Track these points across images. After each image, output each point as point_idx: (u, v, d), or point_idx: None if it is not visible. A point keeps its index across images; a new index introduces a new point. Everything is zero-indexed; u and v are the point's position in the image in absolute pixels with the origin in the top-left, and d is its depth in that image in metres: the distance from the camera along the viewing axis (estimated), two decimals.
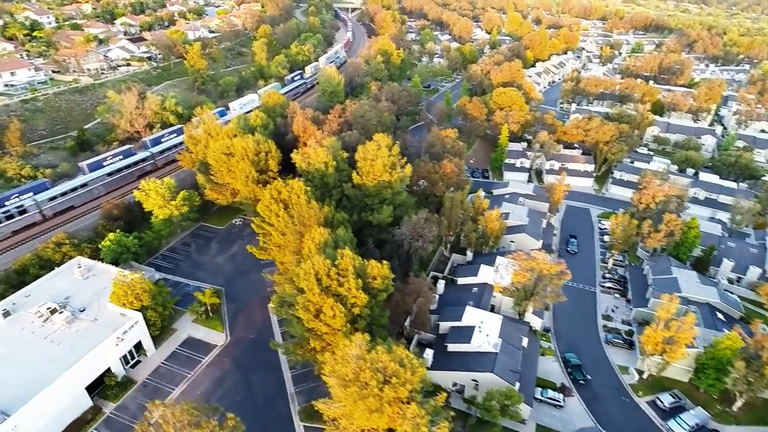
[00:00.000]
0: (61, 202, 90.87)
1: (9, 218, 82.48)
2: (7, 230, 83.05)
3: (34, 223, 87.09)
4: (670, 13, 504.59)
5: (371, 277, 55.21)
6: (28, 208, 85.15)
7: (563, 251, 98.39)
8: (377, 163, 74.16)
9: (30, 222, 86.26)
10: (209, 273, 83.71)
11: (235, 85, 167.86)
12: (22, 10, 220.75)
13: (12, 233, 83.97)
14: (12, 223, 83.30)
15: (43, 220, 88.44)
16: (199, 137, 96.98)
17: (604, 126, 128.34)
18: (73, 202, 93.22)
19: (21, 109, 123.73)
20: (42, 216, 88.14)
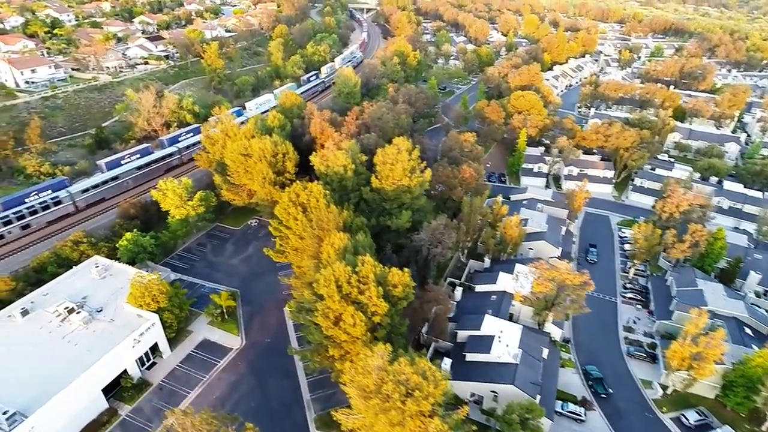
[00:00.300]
0: (93, 194, 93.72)
1: (45, 209, 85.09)
2: (43, 220, 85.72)
3: (68, 214, 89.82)
4: (689, 16, 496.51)
5: (392, 284, 54.08)
6: (62, 200, 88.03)
7: (582, 260, 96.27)
8: (397, 168, 73.04)
9: (64, 213, 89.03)
10: (225, 274, 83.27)
11: (251, 85, 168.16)
12: (43, 8, 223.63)
13: (47, 224, 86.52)
14: (48, 213, 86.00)
15: (77, 211, 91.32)
16: (216, 137, 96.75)
17: (625, 132, 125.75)
18: (103, 195, 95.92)
19: (41, 106, 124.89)
20: (75, 207, 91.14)
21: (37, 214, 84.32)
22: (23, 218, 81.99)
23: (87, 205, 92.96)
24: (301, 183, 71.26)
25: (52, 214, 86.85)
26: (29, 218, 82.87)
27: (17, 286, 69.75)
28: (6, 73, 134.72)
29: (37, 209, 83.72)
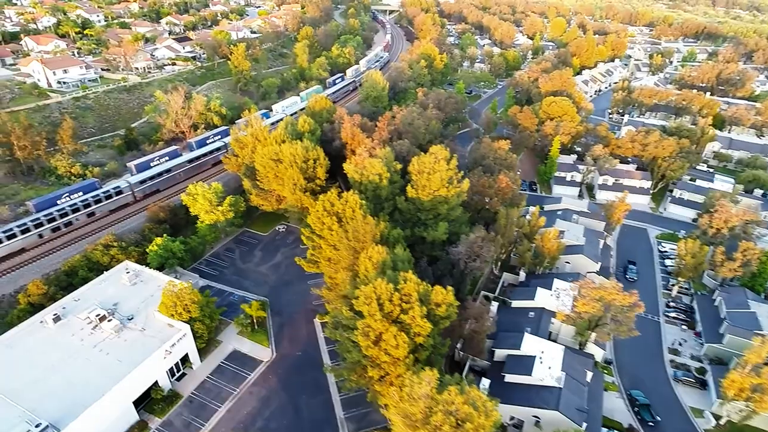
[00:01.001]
0: (150, 185, 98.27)
1: (97, 202, 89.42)
2: (106, 209, 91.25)
3: (127, 204, 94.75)
4: (720, 19, 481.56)
5: (434, 303, 51.45)
6: (123, 190, 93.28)
7: (621, 278, 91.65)
8: (435, 177, 70.37)
9: (123, 203, 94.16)
10: (253, 282, 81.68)
11: (277, 87, 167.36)
12: (74, 8, 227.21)
13: (109, 212, 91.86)
14: (110, 202, 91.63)
15: (135, 201, 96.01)
16: (245, 141, 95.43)
17: (664, 141, 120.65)
18: (158, 186, 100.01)
19: (72, 106, 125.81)
20: (134, 198, 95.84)
21: (101, 203, 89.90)
22: (89, 206, 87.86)
23: (144, 196, 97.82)
24: (335, 191, 69.10)
25: (114, 203, 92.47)
26: (94, 207, 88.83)
27: (49, 290, 69.31)
28: (39, 73, 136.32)
29: (101, 198, 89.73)
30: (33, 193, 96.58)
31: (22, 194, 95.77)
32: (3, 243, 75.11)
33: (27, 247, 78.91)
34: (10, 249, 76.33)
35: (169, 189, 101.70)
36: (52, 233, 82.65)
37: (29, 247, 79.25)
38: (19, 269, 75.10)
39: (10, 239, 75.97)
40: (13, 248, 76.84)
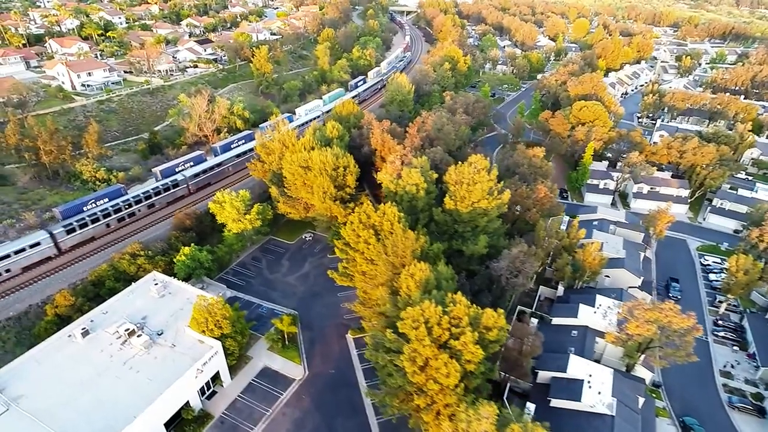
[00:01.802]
0: (202, 179, 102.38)
1: (157, 194, 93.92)
2: (164, 201, 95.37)
3: (183, 196, 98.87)
4: (745, 20, 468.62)
5: (484, 326, 48.16)
6: (179, 182, 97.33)
7: (663, 295, 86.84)
8: (476, 189, 67.04)
9: (180, 195, 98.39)
10: (281, 293, 79.16)
11: (299, 90, 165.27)
12: (97, 11, 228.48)
13: (167, 203, 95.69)
14: (168, 194, 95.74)
15: (189, 193, 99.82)
16: (272, 147, 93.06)
17: (704, 148, 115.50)
18: (209, 179, 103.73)
19: (97, 109, 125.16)
20: (189, 190, 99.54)
21: (160, 194, 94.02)
22: (150, 198, 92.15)
23: (197, 189, 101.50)
24: (368, 203, 66.18)
25: (172, 195, 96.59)
26: (155, 198, 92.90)
27: (76, 301, 67.56)
28: (64, 75, 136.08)
29: (160, 190, 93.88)
30: (58, 198, 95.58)
31: (48, 199, 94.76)
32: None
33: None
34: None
35: (219, 182, 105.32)
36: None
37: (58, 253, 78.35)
38: (46, 278, 73.62)
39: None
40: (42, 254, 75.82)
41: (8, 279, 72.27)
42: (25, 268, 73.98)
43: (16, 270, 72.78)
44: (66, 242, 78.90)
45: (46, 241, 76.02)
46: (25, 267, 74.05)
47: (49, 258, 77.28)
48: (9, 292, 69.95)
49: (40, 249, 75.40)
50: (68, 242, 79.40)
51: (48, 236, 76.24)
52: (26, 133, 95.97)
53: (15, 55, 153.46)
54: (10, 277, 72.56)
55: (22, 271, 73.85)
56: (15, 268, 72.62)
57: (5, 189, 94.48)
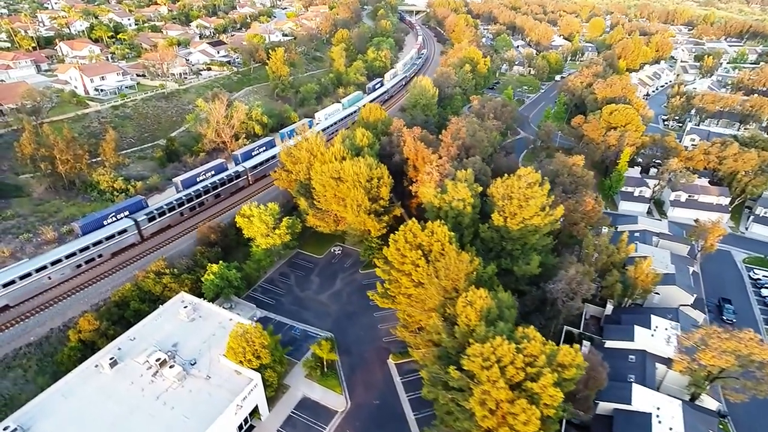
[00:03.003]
0: (260, 170, 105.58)
1: (223, 184, 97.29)
2: (228, 191, 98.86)
3: (243, 187, 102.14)
4: (757, 17, 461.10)
5: (558, 364, 43.49)
6: (240, 174, 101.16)
7: (714, 316, 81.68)
8: (530, 205, 62.34)
9: (241, 186, 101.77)
10: (314, 313, 74.67)
11: (315, 93, 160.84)
12: (106, 12, 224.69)
13: (230, 194, 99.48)
14: (230, 185, 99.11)
15: (249, 185, 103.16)
16: (299, 156, 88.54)
17: (745, 153, 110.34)
18: (265, 172, 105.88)
19: (111, 115, 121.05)
20: (248, 182, 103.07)
21: (225, 185, 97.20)
22: (216, 188, 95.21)
23: (255, 180, 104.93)
24: (404, 215, 61.55)
25: (234, 186, 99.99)
26: (220, 188, 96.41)
27: (100, 325, 63.26)
28: (77, 80, 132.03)
29: (216, 184, 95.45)
30: (75, 210, 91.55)
31: (65, 211, 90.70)
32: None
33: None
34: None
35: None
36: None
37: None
38: (67, 298, 69.30)
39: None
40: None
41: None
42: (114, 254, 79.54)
43: (106, 255, 77.91)
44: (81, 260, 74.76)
45: (132, 228, 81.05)
46: (114, 252, 79.65)
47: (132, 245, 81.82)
48: (29, 314, 65.66)
49: (125, 236, 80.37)
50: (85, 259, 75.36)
51: (133, 223, 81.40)
52: (42, 141, 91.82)
53: (26, 58, 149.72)
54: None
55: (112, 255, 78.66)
56: (106, 254, 78.16)
57: (20, 200, 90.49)
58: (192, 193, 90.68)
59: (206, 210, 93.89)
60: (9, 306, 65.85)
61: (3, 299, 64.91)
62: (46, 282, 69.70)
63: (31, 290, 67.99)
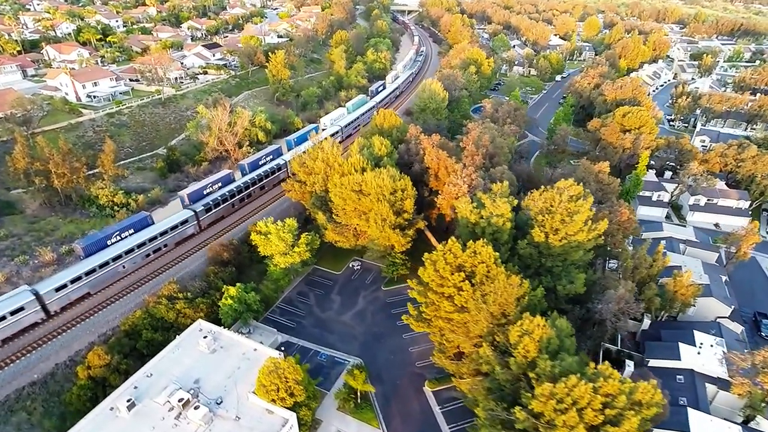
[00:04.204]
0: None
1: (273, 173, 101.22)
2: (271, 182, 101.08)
3: (282, 180, 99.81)
4: (743, 15, 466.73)
5: (635, 402, 39.64)
6: (281, 166, 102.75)
7: (750, 330, 78.22)
8: (575, 220, 58.51)
9: (282, 179, 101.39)
10: (339, 336, 70.04)
11: (317, 97, 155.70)
12: (93, 14, 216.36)
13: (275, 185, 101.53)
14: (274, 177, 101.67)
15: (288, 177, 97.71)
16: (314, 167, 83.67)
17: (766, 156, 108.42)
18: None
19: (107, 124, 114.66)
20: (288, 174, 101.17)
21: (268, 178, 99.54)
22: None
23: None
24: (454, 239, 57.31)
25: (278, 177, 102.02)
26: (265, 181, 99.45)
27: (112, 359, 57.85)
28: (67, 86, 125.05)
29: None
30: (74, 228, 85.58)
31: (63, 229, 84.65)
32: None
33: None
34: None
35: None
36: None
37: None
38: (71, 328, 63.59)
39: None
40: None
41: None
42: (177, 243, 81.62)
43: (171, 245, 79.64)
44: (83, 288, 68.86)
45: (192, 219, 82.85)
46: (178, 242, 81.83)
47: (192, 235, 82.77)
48: (30, 347, 59.87)
49: (185, 227, 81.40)
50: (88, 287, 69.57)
51: (193, 214, 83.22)
52: (36, 154, 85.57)
53: (11, 63, 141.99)
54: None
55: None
56: (171, 243, 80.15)
57: (14, 218, 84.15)
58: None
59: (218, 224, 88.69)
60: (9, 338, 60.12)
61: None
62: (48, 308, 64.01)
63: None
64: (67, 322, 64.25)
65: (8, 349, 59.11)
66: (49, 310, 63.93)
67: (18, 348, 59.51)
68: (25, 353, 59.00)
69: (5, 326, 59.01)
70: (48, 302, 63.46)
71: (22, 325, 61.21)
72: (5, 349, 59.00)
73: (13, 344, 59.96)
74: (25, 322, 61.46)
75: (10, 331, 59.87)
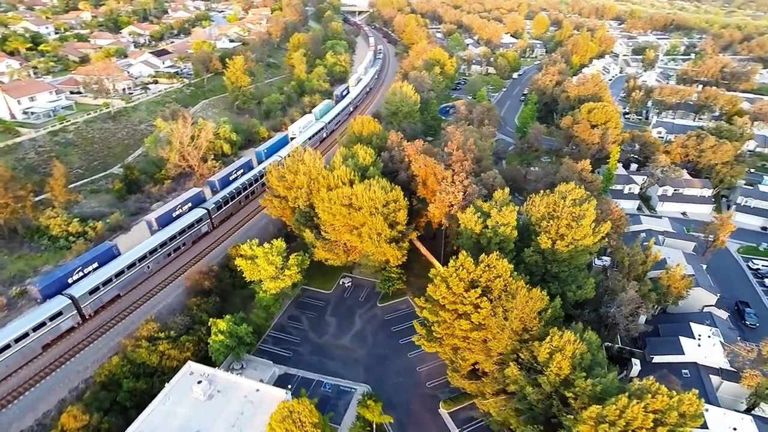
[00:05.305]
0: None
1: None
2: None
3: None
4: (669, 11, 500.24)
5: (682, 415, 38.46)
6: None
7: (734, 319, 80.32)
8: (583, 225, 57.41)
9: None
10: (340, 362, 65.57)
11: (280, 104, 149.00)
12: (18, 20, 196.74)
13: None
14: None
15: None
16: (294, 180, 78.38)
17: (723, 145, 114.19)
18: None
19: (50, 143, 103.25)
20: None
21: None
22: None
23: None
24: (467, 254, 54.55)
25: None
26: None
27: (91, 419, 50.45)
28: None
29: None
30: (23, 265, 75.77)
31: (10, 267, 74.57)
32: None
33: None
34: None
35: None
36: None
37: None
38: (35, 386, 55.15)
39: None
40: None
41: None
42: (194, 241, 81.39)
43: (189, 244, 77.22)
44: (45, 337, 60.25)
45: (206, 217, 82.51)
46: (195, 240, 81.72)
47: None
48: None
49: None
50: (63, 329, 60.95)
51: (206, 212, 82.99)
52: None
53: None
54: None
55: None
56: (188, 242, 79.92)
57: None
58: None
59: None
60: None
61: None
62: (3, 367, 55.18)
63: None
64: (30, 378, 55.73)
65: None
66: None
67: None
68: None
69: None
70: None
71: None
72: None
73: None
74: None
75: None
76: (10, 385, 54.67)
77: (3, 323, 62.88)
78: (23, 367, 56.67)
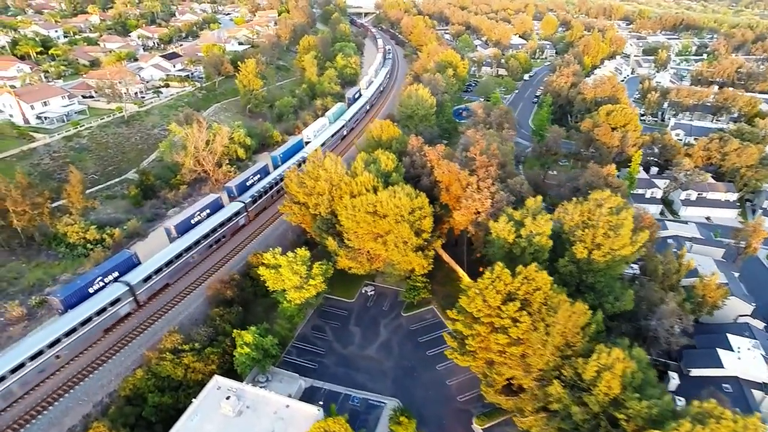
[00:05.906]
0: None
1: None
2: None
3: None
4: (676, 10, 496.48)
5: None
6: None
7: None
8: (621, 234, 55.44)
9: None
10: (367, 374, 63.82)
11: (292, 107, 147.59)
12: (28, 24, 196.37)
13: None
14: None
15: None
16: (315, 186, 76.71)
17: (747, 148, 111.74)
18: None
19: (65, 148, 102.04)
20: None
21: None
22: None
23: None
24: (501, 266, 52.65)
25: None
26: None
27: None
28: (12, 107, 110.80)
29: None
30: (42, 274, 74.43)
31: (29, 276, 73.33)
32: None
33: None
34: None
35: None
36: None
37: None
38: (60, 399, 53.68)
39: None
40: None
41: None
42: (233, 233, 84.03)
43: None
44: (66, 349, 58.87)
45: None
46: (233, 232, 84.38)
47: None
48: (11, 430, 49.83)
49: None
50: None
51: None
52: None
53: None
54: None
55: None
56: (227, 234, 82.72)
57: None
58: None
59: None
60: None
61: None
62: (30, 378, 53.81)
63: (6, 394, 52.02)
64: (53, 392, 54.30)
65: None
66: None
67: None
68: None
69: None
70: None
71: None
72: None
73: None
74: None
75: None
76: (33, 399, 53.27)
77: (24, 333, 61.76)
78: (46, 380, 55.27)
